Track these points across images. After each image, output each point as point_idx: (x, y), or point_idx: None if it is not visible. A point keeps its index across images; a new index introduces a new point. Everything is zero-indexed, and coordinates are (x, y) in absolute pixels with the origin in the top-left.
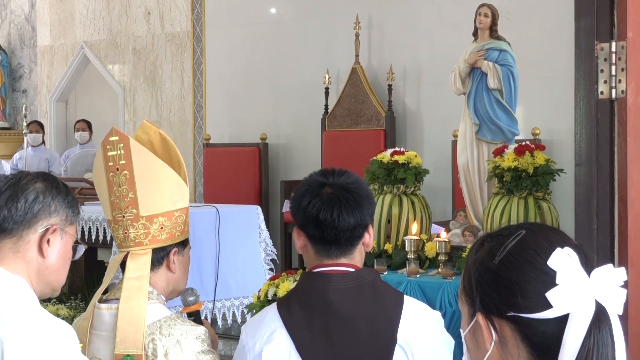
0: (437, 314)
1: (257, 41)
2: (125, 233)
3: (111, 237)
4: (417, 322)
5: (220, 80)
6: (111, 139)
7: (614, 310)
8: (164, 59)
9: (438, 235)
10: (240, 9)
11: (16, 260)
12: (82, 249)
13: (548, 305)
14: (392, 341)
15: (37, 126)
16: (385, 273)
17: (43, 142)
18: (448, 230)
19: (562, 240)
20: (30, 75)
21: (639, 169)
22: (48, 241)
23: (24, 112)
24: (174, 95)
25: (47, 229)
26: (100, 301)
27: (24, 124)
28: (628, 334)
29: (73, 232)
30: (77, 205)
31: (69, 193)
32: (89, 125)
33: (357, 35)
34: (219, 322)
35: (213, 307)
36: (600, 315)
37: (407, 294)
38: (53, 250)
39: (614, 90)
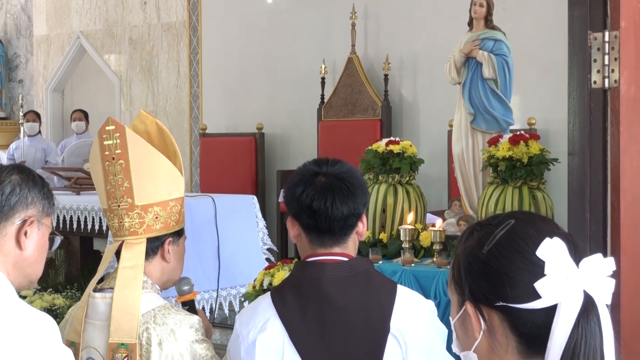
0: (430, 303)
1: (253, 31)
2: (120, 222)
3: (107, 226)
4: (410, 311)
5: (216, 70)
6: (107, 128)
7: (603, 300)
8: (160, 49)
9: (433, 225)
10: None
11: None
12: (58, 240)
13: (537, 296)
14: (385, 330)
15: (34, 116)
16: (380, 262)
17: (39, 131)
18: (443, 219)
19: (551, 229)
20: (27, 65)
21: (631, 158)
22: (25, 233)
23: (20, 101)
24: (170, 85)
25: (24, 221)
26: (95, 290)
27: (21, 113)
28: (620, 322)
29: (49, 224)
30: (52, 196)
31: (45, 185)
32: (85, 115)
33: (353, 25)
34: (226, 310)
35: (217, 296)
36: (588, 306)
37: (401, 283)
38: (30, 242)
39: (607, 80)
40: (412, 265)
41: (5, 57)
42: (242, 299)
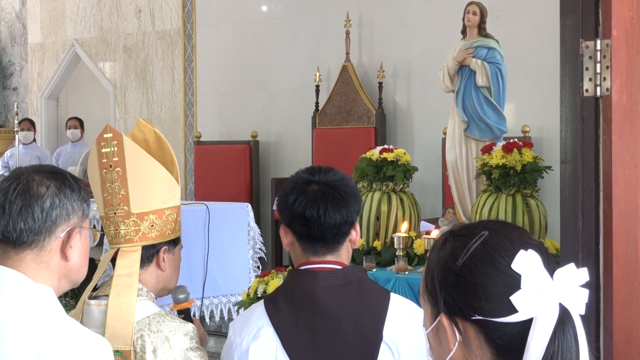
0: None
1: (248, 39)
2: (116, 230)
3: (103, 234)
4: (403, 319)
5: (211, 78)
6: (105, 135)
7: (577, 311)
8: (154, 57)
9: (427, 233)
10: (231, 6)
11: (40, 270)
12: (98, 234)
13: (513, 309)
14: (377, 338)
15: (29, 124)
16: (374, 270)
17: (34, 139)
18: (437, 227)
19: (524, 240)
20: (21, 73)
21: (623, 166)
22: (71, 245)
23: (15, 109)
24: (165, 92)
25: (69, 234)
26: (90, 298)
27: (16, 121)
28: (613, 330)
29: (88, 224)
30: (88, 195)
31: (80, 186)
32: (80, 123)
33: (347, 33)
34: (207, 320)
35: (201, 304)
36: (564, 318)
37: (395, 291)
38: (75, 251)
39: (598, 88)
40: (406, 273)
41: (0, 64)
42: (237, 307)
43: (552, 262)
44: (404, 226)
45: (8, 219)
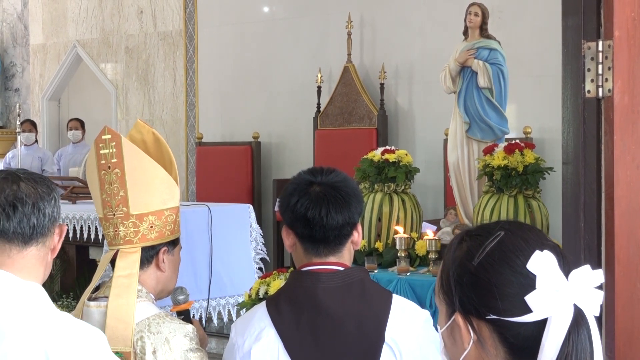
0: (426, 313)
1: (249, 40)
2: (116, 231)
3: (103, 235)
4: (405, 320)
5: (212, 79)
6: (104, 137)
7: (591, 312)
8: (156, 58)
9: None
10: (233, 7)
11: (36, 266)
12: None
13: (527, 309)
14: (380, 340)
15: (30, 125)
16: (376, 271)
17: (36, 140)
18: (439, 228)
19: (540, 241)
20: (23, 74)
21: (625, 167)
22: (59, 242)
23: (17, 110)
24: (167, 94)
25: (60, 231)
26: (90, 299)
27: (17, 122)
28: (615, 331)
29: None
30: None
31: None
32: (82, 124)
33: (349, 34)
34: (214, 321)
35: (207, 305)
36: (578, 319)
37: (397, 292)
38: (57, 248)
39: (600, 89)
40: (408, 274)
41: (2, 65)
42: (238, 308)
43: (567, 263)
44: (400, 230)
45: (22, 215)
